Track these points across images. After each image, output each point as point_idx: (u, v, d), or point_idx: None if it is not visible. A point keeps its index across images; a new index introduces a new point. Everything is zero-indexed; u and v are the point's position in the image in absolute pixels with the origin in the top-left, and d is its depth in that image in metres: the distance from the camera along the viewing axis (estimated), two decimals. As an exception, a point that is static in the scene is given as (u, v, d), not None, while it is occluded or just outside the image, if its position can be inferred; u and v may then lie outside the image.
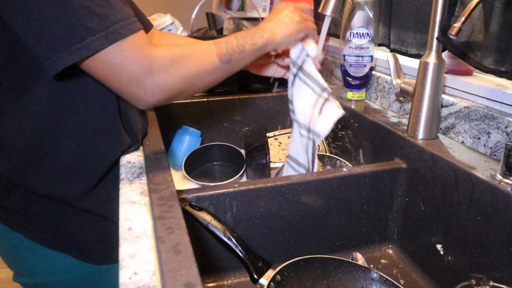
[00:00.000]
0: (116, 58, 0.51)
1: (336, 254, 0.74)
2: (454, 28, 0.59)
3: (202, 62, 0.58)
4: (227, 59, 0.60)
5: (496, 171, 0.61)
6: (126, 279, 0.40)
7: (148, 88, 0.54)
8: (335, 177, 0.69)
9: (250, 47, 0.63)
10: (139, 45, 0.52)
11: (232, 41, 0.61)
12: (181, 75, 0.56)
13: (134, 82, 0.53)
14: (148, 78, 0.53)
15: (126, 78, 0.52)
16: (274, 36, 0.66)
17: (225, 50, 0.60)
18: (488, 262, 0.59)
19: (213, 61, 0.59)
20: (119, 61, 0.51)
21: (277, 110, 1.09)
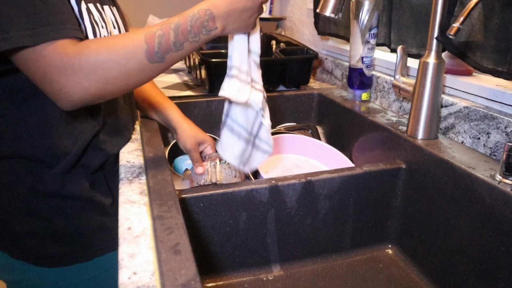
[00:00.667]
0: (30, 54, 0.49)
1: (335, 254, 0.74)
2: (453, 28, 0.59)
3: (125, 63, 0.51)
4: (159, 58, 0.53)
5: (495, 171, 0.61)
6: (125, 279, 0.40)
7: (62, 89, 0.50)
8: (335, 177, 0.69)
9: (190, 45, 0.55)
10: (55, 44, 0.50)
11: (169, 36, 0.53)
12: (99, 76, 0.51)
13: (47, 81, 0.50)
14: (61, 78, 0.49)
15: (38, 75, 0.50)
16: (224, 31, 0.57)
17: (158, 47, 0.52)
18: (488, 262, 0.59)
19: (140, 60, 0.52)
20: (33, 57, 0.49)
21: (277, 110, 1.09)
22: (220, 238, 0.65)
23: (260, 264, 0.70)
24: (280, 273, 0.70)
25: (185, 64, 1.30)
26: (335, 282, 0.69)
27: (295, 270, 0.71)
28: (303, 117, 1.11)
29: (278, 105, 1.09)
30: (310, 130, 1.05)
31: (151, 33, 0.53)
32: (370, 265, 0.73)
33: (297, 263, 0.72)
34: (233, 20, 0.57)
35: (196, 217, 0.63)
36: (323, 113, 1.08)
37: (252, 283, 0.68)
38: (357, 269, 0.72)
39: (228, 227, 0.65)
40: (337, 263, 0.73)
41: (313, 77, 1.29)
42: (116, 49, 0.51)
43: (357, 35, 0.92)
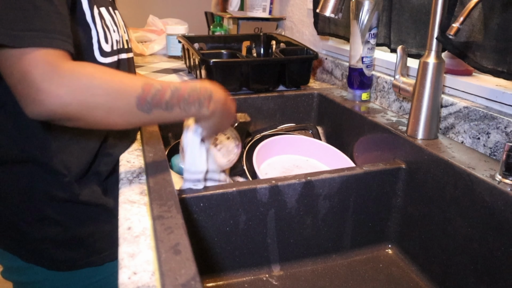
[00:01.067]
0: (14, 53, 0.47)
1: (335, 254, 0.74)
2: (453, 28, 0.59)
3: (115, 98, 0.50)
4: (147, 108, 0.51)
5: (495, 171, 0.61)
6: (125, 279, 0.40)
7: (40, 95, 0.46)
8: (335, 177, 0.69)
9: (178, 112, 0.55)
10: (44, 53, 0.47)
11: (165, 95, 0.53)
12: (83, 97, 0.47)
13: (26, 83, 0.46)
14: (43, 84, 0.46)
15: (18, 75, 0.47)
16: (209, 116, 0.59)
17: (151, 98, 0.51)
18: (487, 262, 0.59)
19: (129, 101, 0.50)
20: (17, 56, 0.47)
21: (277, 110, 1.09)
22: (220, 238, 0.65)
23: (260, 264, 0.70)
24: (280, 273, 0.70)
25: (185, 64, 1.30)
26: (335, 282, 0.69)
27: (295, 270, 0.71)
28: (303, 117, 1.11)
29: (278, 105, 1.09)
30: (310, 130, 1.05)
31: (150, 84, 0.52)
32: (370, 265, 0.73)
33: (297, 263, 0.72)
34: (220, 114, 0.60)
35: (196, 217, 0.63)
36: (323, 113, 1.08)
37: (252, 283, 0.68)
38: (357, 269, 0.72)
39: (228, 227, 0.65)
40: (337, 263, 0.73)
41: (313, 77, 1.30)
42: (111, 82, 0.50)
43: (357, 35, 0.92)
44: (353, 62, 0.96)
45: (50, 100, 0.46)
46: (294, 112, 1.10)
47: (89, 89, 0.48)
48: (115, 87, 0.50)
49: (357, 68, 0.96)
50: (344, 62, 1.13)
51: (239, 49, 1.32)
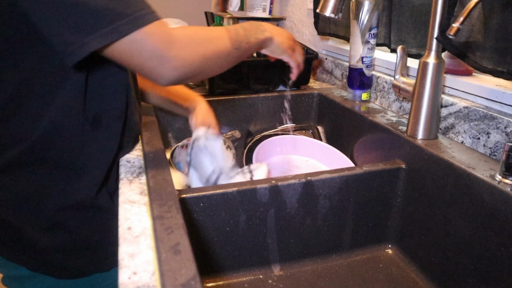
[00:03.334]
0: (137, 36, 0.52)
1: (335, 254, 0.74)
2: (453, 28, 0.59)
3: (218, 44, 0.61)
4: (237, 44, 0.63)
5: (495, 171, 0.61)
6: (125, 279, 0.40)
7: (170, 62, 0.54)
8: (335, 177, 0.69)
9: (254, 40, 0.67)
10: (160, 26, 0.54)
11: (240, 31, 0.65)
12: (200, 53, 0.58)
13: (156, 56, 0.53)
14: (170, 52, 0.54)
15: (148, 52, 0.53)
16: (272, 39, 0.71)
17: (236, 37, 0.63)
18: (487, 262, 0.59)
19: (226, 44, 0.62)
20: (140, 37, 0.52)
21: (277, 110, 1.09)
22: (220, 238, 0.65)
23: (260, 264, 0.70)
24: (280, 273, 0.70)
25: (185, 64, 1.30)
26: (335, 282, 0.69)
27: (295, 270, 0.71)
28: (303, 117, 1.11)
29: (278, 105, 1.09)
30: (310, 130, 1.05)
31: (227, 27, 0.65)
32: (370, 265, 0.73)
33: (297, 263, 0.72)
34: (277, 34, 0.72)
35: (196, 217, 0.63)
36: (323, 113, 1.08)
37: (252, 283, 0.68)
38: (357, 269, 0.72)
39: (228, 227, 0.65)
40: (337, 263, 0.73)
41: (313, 77, 1.29)
42: (209, 33, 0.61)
43: (357, 35, 0.92)
44: (353, 62, 0.96)
45: (179, 64, 0.55)
46: (294, 112, 1.10)
47: (201, 43, 0.58)
48: (213, 36, 0.61)
49: (357, 68, 0.96)
50: (344, 62, 1.13)
51: (239, 49, 1.31)
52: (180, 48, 0.55)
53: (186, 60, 0.56)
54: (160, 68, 0.55)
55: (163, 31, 0.54)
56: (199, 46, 0.57)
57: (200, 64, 0.58)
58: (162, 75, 0.55)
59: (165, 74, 0.55)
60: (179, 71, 0.56)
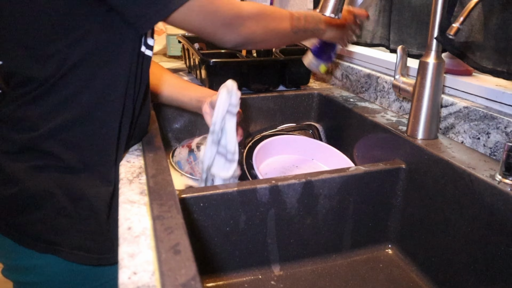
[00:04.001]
0: (209, 7, 0.60)
1: (335, 254, 0.74)
2: (453, 28, 0.60)
3: (279, 23, 0.70)
4: (295, 30, 0.72)
5: (495, 171, 0.61)
6: (125, 279, 0.40)
7: (237, 30, 0.64)
8: (335, 177, 0.69)
9: (311, 32, 0.77)
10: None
11: (301, 20, 0.74)
12: (263, 26, 0.67)
13: (227, 25, 0.63)
14: (238, 21, 0.64)
15: (220, 22, 0.62)
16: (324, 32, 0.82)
17: (297, 23, 0.72)
18: (487, 262, 0.59)
19: (286, 26, 0.71)
20: (212, 9, 0.60)
21: (277, 110, 1.09)
22: (220, 238, 0.65)
23: (260, 264, 0.70)
24: (280, 273, 0.70)
25: (185, 64, 1.30)
26: (335, 282, 0.69)
27: (295, 270, 0.71)
28: (303, 117, 1.11)
29: (278, 105, 1.09)
30: (310, 130, 1.05)
31: (292, 12, 0.73)
32: (370, 265, 0.73)
33: (297, 263, 0.72)
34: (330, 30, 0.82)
35: (196, 217, 0.63)
36: (323, 113, 1.08)
37: (252, 283, 0.68)
38: (357, 269, 0.72)
39: (228, 227, 0.65)
40: (337, 263, 0.73)
41: (313, 77, 1.29)
42: (274, 11, 0.70)
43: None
44: None
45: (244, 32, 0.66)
46: (294, 112, 1.10)
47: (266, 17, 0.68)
48: (277, 14, 0.70)
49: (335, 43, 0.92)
50: (344, 62, 1.13)
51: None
52: (247, 18, 0.64)
53: (251, 29, 0.65)
54: (228, 34, 0.64)
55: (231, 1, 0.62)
56: (263, 21, 0.67)
57: (262, 36, 0.68)
58: (228, 40, 0.65)
59: (232, 39, 0.65)
60: (243, 37, 0.66)
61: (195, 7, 0.58)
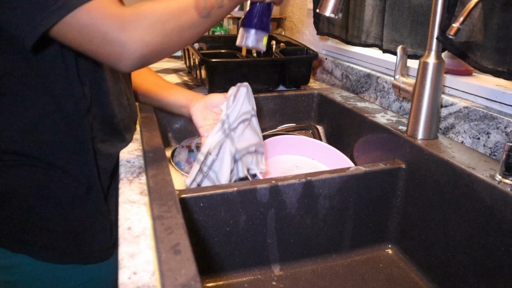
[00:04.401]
0: (85, 20, 0.50)
1: (335, 254, 0.74)
2: (453, 28, 0.60)
3: (180, 16, 0.55)
4: (206, 13, 0.58)
5: (495, 171, 0.61)
6: (125, 279, 0.40)
7: (124, 46, 0.51)
8: (335, 177, 0.69)
9: (228, 3, 0.60)
10: (105, 5, 0.51)
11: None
12: (158, 30, 0.53)
13: (108, 41, 0.51)
14: (122, 35, 0.51)
15: (99, 38, 0.51)
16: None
17: (204, 3, 0.57)
18: (487, 262, 0.59)
19: (191, 15, 0.56)
20: (88, 22, 0.50)
21: (277, 110, 1.09)
22: (220, 238, 0.65)
23: (260, 264, 0.70)
24: (280, 273, 0.70)
25: (185, 64, 1.30)
26: (335, 282, 0.69)
27: (295, 270, 0.71)
28: (303, 117, 1.11)
29: (278, 105, 1.09)
30: (310, 130, 1.05)
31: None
32: (370, 265, 0.73)
33: (297, 263, 0.72)
34: None
35: (196, 217, 0.63)
36: (323, 113, 1.08)
37: (252, 283, 0.68)
38: (357, 269, 0.72)
39: (228, 227, 0.65)
40: (337, 263, 0.73)
41: (313, 77, 1.30)
42: (169, 5, 0.55)
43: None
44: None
45: (135, 47, 0.52)
46: (294, 112, 1.10)
47: (159, 20, 0.53)
48: (176, 7, 0.55)
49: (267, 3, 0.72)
50: (344, 62, 1.13)
51: (239, 49, 1.32)
52: (134, 29, 0.51)
53: (143, 40, 0.52)
54: (116, 54, 0.52)
55: (112, 12, 0.51)
56: (157, 23, 0.53)
57: (160, 41, 0.54)
58: (121, 60, 0.52)
59: (124, 58, 0.52)
60: (138, 53, 0.52)
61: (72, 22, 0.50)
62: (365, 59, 1.07)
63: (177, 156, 0.92)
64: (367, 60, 1.06)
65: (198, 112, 0.77)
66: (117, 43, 0.51)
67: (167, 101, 0.84)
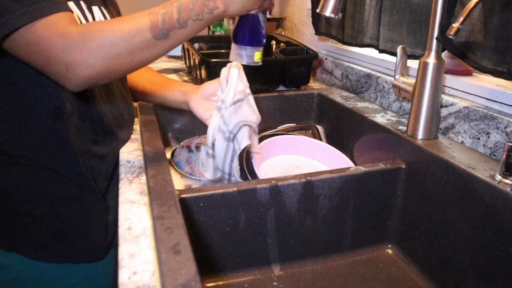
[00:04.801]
0: (30, 38, 0.49)
1: (335, 254, 0.74)
2: (453, 28, 0.60)
3: (130, 38, 0.52)
4: (163, 34, 0.54)
5: (495, 171, 0.61)
6: (125, 279, 0.40)
7: (68, 67, 0.50)
8: (335, 177, 0.69)
9: (194, 23, 0.56)
10: (54, 24, 0.50)
11: (173, 14, 0.54)
12: (104, 53, 0.51)
13: (53, 61, 0.50)
14: (66, 57, 0.50)
15: (43, 58, 0.50)
16: (226, 11, 0.58)
17: (162, 24, 0.53)
18: (487, 262, 0.59)
19: (145, 36, 0.53)
20: (33, 41, 0.49)
21: (277, 110, 1.09)
22: (220, 238, 0.65)
23: (260, 264, 0.70)
24: (280, 273, 0.70)
25: (185, 64, 1.30)
26: (335, 282, 0.69)
27: (295, 270, 0.71)
28: (303, 117, 1.11)
29: (278, 105, 1.08)
30: (310, 130, 1.05)
31: (155, 12, 0.54)
32: (370, 265, 0.73)
33: (297, 263, 0.72)
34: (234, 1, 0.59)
35: (196, 217, 0.63)
36: (323, 113, 1.08)
37: (252, 283, 0.68)
38: (357, 269, 0.72)
39: (228, 227, 0.65)
40: (337, 263, 0.73)
41: (313, 77, 1.30)
42: (120, 27, 0.52)
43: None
44: None
45: (79, 69, 0.50)
46: (294, 112, 1.10)
47: (106, 42, 0.51)
48: (127, 29, 0.52)
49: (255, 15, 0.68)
50: (344, 62, 1.13)
51: (239, 49, 1.32)
52: (78, 50, 0.50)
53: (87, 62, 0.50)
54: (61, 74, 0.51)
55: (58, 32, 0.50)
56: (103, 45, 0.51)
57: (107, 64, 0.52)
58: (66, 80, 0.52)
59: (69, 79, 0.51)
60: (82, 75, 0.51)
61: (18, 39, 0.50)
62: (365, 59, 1.07)
63: (177, 156, 0.92)
64: (367, 60, 1.06)
65: (198, 105, 0.76)
66: (61, 64, 0.50)
67: (164, 98, 0.84)
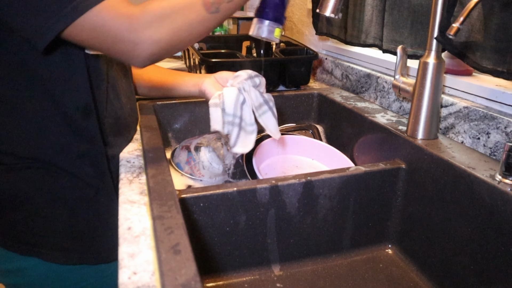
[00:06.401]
0: (96, 21, 0.52)
1: (335, 254, 0.74)
2: (453, 28, 0.60)
3: (188, 14, 0.56)
4: (215, 8, 0.57)
5: (495, 171, 0.61)
6: (125, 279, 0.40)
7: (135, 45, 0.54)
8: (335, 177, 0.69)
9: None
10: (116, 5, 0.53)
11: None
12: (166, 28, 0.55)
13: (119, 41, 0.53)
14: (132, 35, 0.53)
15: (110, 39, 0.53)
16: None
17: None
18: (487, 262, 0.59)
19: (199, 11, 0.56)
20: (99, 23, 0.52)
21: (277, 110, 1.09)
22: (220, 238, 0.65)
23: (260, 264, 0.70)
24: (280, 273, 0.70)
25: (185, 64, 1.30)
26: (335, 282, 0.69)
27: (295, 270, 0.71)
28: (303, 117, 1.11)
29: (278, 105, 1.08)
30: (310, 130, 1.05)
31: None
32: (370, 265, 0.73)
33: (297, 263, 0.72)
34: None
35: (196, 217, 0.63)
36: (323, 113, 1.08)
37: (252, 283, 0.68)
38: (357, 269, 0.72)
39: (228, 227, 0.65)
40: (337, 263, 0.73)
41: (313, 77, 1.30)
42: (177, 3, 0.55)
43: None
44: None
45: (145, 45, 0.54)
46: (294, 112, 1.10)
47: (167, 18, 0.54)
48: (182, 5, 0.56)
49: None
50: (344, 62, 1.13)
51: (239, 49, 1.32)
52: (143, 28, 0.53)
53: (152, 38, 0.54)
54: (128, 52, 0.54)
55: (122, 13, 0.53)
56: (165, 22, 0.54)
57: (170, 39, 0.55)
58: (133, 58, 0.55)
59: (136, 56, 0.55)
60: (149, 51, 0.55)
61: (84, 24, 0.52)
62: (365, 59, 1.07)
63: (177, 157, 0.92)
64: (367, 60, 1.06)
65: (210, 86, 0.78)
66: (128, 43, 0.53)
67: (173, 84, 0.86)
